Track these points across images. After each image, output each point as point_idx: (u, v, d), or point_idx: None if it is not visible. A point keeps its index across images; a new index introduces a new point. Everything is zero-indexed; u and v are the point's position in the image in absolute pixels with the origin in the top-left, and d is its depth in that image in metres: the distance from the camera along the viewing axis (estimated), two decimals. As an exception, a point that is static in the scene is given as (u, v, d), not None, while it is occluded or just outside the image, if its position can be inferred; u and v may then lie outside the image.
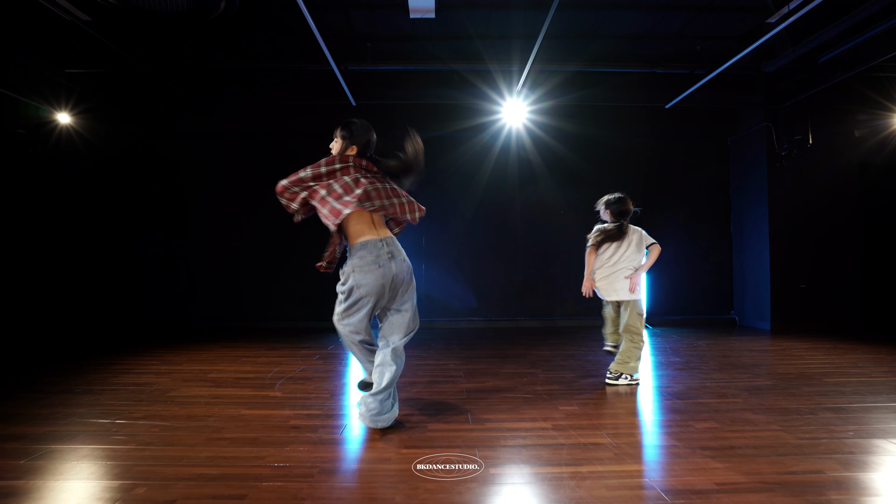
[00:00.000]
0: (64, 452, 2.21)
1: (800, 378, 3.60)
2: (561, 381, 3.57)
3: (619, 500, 1.75)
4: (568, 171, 6.64)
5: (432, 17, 5.08)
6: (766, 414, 2.74)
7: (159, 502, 1.74)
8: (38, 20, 5.02)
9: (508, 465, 2.05)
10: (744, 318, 6.78)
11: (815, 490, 1.81)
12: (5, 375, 3.75)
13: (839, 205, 6.34)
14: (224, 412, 2.80)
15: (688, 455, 2.16)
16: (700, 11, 5.05)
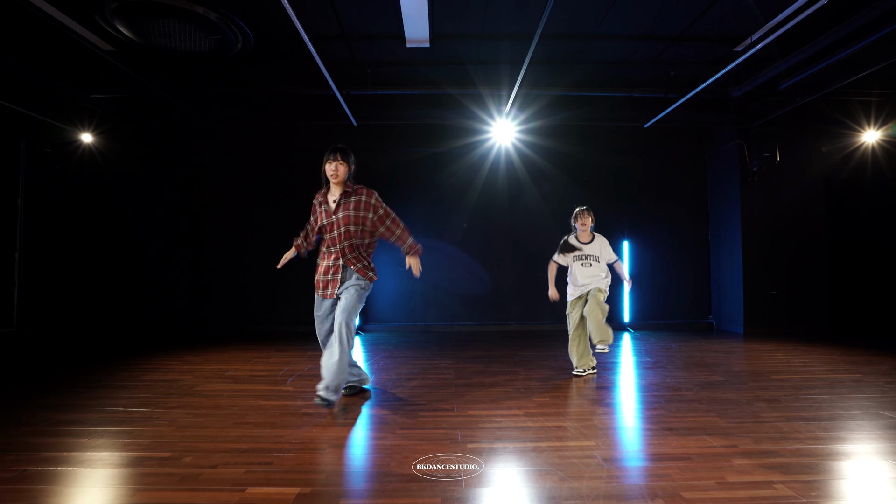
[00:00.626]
0: (118, 433, 2.68)
1: (750, 375, 4.07)
2: (539, 377, 4.04)
3: (566, 465, 2.22)
4: (554, 187, 7.14)
5: (427, 47, 5.59)
6: (709, 404, 3.21)
7: (204, 466, 2.21)
8: (66, 50, 5.51)
9: (483, 441, 2.52)
10: (720, 323, 7.25)
11: (724, 459, 2.28)
12: (47, 373, 4.22)
13: (807, 216, 6.82)
14: (245, 403, 3.27)
15: (631, 435, 2.63)
16: (673, 41, 5.54)
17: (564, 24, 5.07)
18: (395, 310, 7.12)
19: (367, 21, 5.04)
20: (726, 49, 5.66)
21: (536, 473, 2.12)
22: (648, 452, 2.38)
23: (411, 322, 7.10)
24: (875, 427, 2.74)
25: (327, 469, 2.22)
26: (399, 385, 3.76)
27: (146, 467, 2.21)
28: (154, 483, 2.03)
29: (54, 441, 2.54)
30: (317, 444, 2.52)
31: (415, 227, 7.07)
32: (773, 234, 6.79)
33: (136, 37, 3.89)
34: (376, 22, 5.04)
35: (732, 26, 5.11)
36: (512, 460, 2.27)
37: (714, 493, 1.94)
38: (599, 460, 2.27)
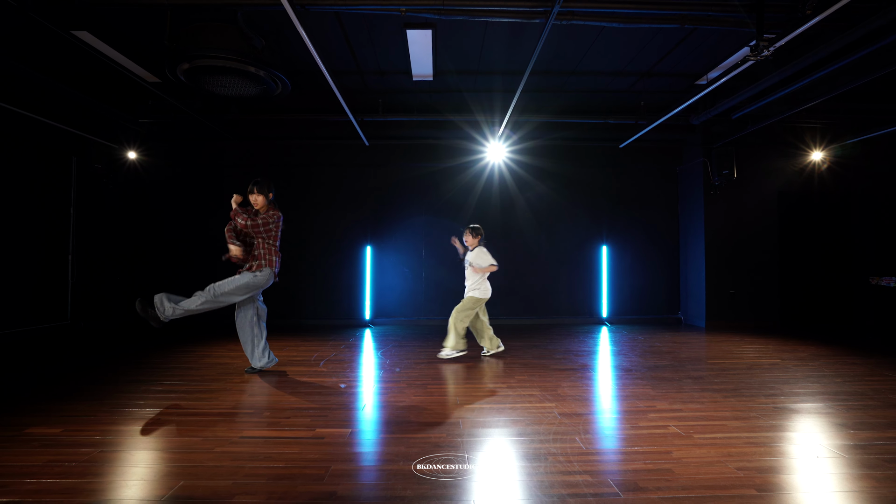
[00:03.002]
0: (208, 398, 3.65)
1: (691, 360, 5.07)
2: (521, 362, 5.02)
3: (532, 417, 3.20)
4: (542, 198, 8.13)
5: (430, 80, 6.54)
6: (648, 381, 4.20)
7: (280, 417, 3.18)
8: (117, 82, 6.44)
9: (475, 404, 3.50)
10: (687, 318, 8.25)
11: (641, 413, 3.28)
12: (120, 359, 5.18)
13: (762, 225, 7.82)
14: (292, 379, 4.25)
15: (583, 400, 3.62)
16: (642, 76, 6.50)
17: (548, 62, 6.02)
18: (401, 306, 8.10)
19: (379, 60, 5.99)
20: (689, 82, 6.64)
21: (511, 422, 3.11)
22: (588, 410, 3.36)
23: (415, 316, 8.08)
24: (763, 395, 3.73)
25: (367, 418, 3.20)
26: (410, 367, 4.75)
27: (239, 417, 3.18)
28: (253, 426, 3.01)
29: (162, 402, 3.52)
30: (354, 404, 3.50)
31: (417, 233, 8.07)
32: (732, 240, 7.79)
33: (195, 86, 4.82)
34: (386, 60, 6.00)
35: (691, 65, 6.09)
36: (494, 414, 3.26)
37: (627, 431, 2.93)
38: (556, 414, 3.25)
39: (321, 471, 2.38)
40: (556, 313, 8.23)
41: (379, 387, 4.02)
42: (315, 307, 8.00)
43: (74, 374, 4.43)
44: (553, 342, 6.23)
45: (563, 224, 8.27)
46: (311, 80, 6.48)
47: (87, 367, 4.73)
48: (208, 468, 2.40)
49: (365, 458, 2.56)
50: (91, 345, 6.03)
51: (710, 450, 2.65)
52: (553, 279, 8.24)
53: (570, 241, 8.27)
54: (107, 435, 2.83)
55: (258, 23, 4.66)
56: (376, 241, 8.07)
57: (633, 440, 2.78)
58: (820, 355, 5.30)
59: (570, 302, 8.28)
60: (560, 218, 8.26)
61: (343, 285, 8.04)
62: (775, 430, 2.98)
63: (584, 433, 2.89)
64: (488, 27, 5.15)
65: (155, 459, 2.52)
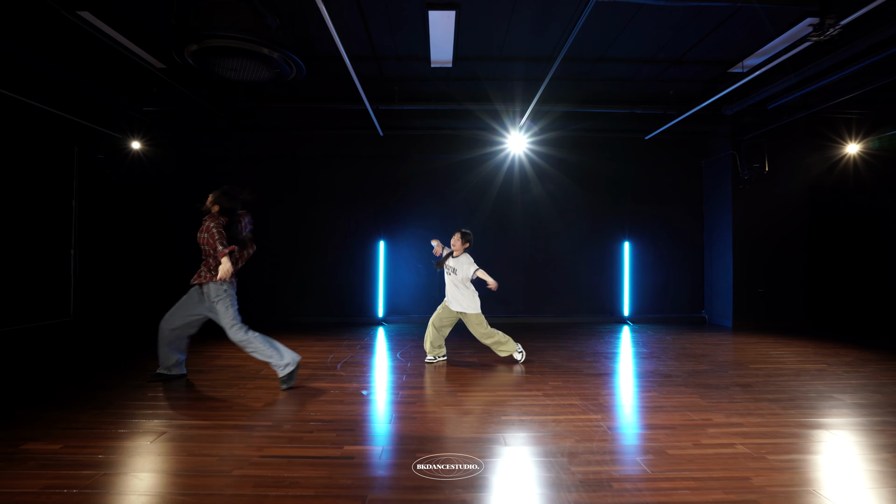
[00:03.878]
0: (220, 407, 3.36)
1: (731, 364, 4.76)
2: (550, 364, 4.72)
3: (580, 432, 2.90)
4: (564, 192, 7.81)
5: (449, 66, 6.20)
6: (693, 388, 3.89)
7: (303, 431, 2.89)
8: (121, 68, 6.12)
9: (513, 415, 3.20)
10: (712, 317, 7.93)
11: (700, 429, 2.97)
12: (123, 359, 4.89)
13: (792, 221, 7.48)
14: (310, 385, 3.95)
15: (629, 410, 3.31)
16: (672, 63, 6.15)
17: (575, 48, 5.67)
18: (415, 303, 7.80)
19: (397, 45, 5.65)
20: (720, 70, 6.28)
21: (558, 437, 2.81)
22: (641, 423, 3.06)
23: (430, 314, 7.74)
24: (825, 406, 3.42)
25: (399, 433, 2.90)
26: (433, 371, 4.45)
27: (257, 432, 2.89)
28: (273, 442, 2.71)
29: (172, 412, 3.22)
30: (385, 414, 3.20)
31: (433, 228, 7.75)
32: (761, 237, 7.45)
33: (204, 69, 4.50)
34: (405, 45, 5.66)
35: (726, 52, 5.73)
36: (537, 428, 2.96)
37: (691, 450, 2.62)
38: (605, 429, 2.95)
39: (358, 502, 2.08)
40: (575, 311, 7.92)
41: (404, 394, 3.71)
42: (326, 305, 7.71)
43: (77, 377, 4.15)
44: (578, 343, 5.92)
45: (584, 219, 7.95)
46: (323, 67, 6.15)
47: (91, 369, 4.45)
48: (228, 498, 2.11)
49: (404, 485, 2.26)
50: (94, 343, 5.74)
51: (792, 475, 2.35)
52: (574, 276, 7.92)
53: (591, 236, 7.94)
54: (111, 452, 2.54)
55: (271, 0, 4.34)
56: (389, 236, 7.76)
57: (702, 462, 2.47)
58: (867, 360, 4.98)
59: (590, 300, 7.97)
60: (581, 212, 7.94)
61: (355, 282, 7.75)
62: (856, 446, 2.67)
63: (645, 453, 2.58)
64: (516, 8, 4.81)
65: (166, 485, 2.22)
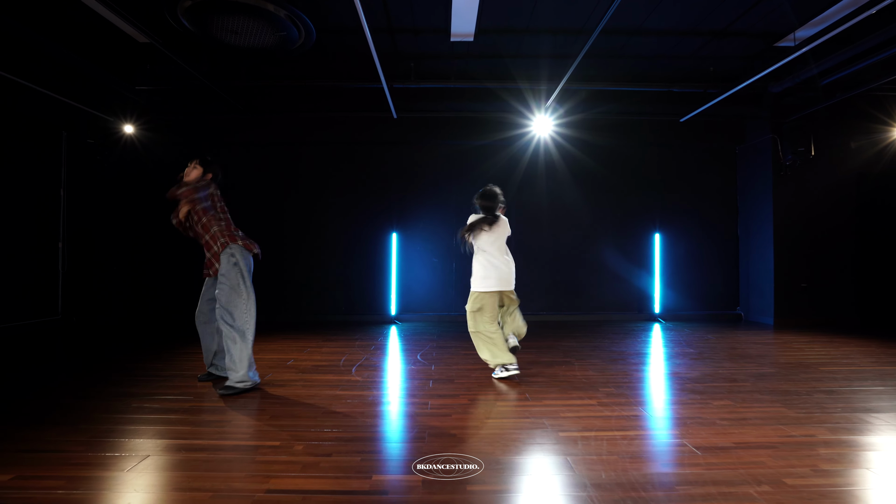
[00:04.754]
0: (217, 422, 2.81)
1: (799, 367, 4.19)
2: (594, 367, 4.16)
3: (665, 454, 2.34)
4: (591, 179, 7.24)
5: (470, 41, 5.64)
6: (771, 395, 3.33)
7: (319, 454, 2.33)
8: (111, 41, 5.55)
9: (573, 430, 2.64)
10: (749, 314, 7.36)
11: (809, 447, 2.41)
12: (112, 361, 4.35)
13: (838, 210, 6.90)
14: (322, 393, 3.39)
15: (709, 424, 2.75)
16: (715, 36, 5.58)
17: (610, 19, 5.10)
18: (430, 300, 7.24)
19: (415, 14, 5.09)
20: (766, 44, 5.70)
21: (643, 459, 2.25)
22: (733, 441, 2.49)
23: (445, 312, 7.22)
24: (940, 418, 2.86)
25: (441, 456, 2.33)
26: (465, 376, 3.89)
27: (262, 454, 2.33)
28: (280, 470, 2.15)
29: (158, 429, 2.67)
30: (415, 430, 2.64)
31: (448, 219, 7.19)
32: (804, 228, 6.87)
33: (201, 32, 3.95)
34: (424, 15, 5.10)
35: (776, 22, 5.16)
36: (610, 447, 2.40)
37: (815, 479, 2.06)
38: (693, 450, 2.39)
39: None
40: (602, 308, 7.35)
41: (434, 405, 3.15)
42: (334, 302, 7.15)
43: (54, 384, 3.60)
44: (614, 342, 5.36)
45: (612, 209, 7.38)
46: (332, 39, 5.58)
47: (73, 374, 3.91)
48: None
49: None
50: (83, 344, 5.20)
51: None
52: (601, 270, 7.35)
53: (619, 227, 7.38)
54: (75, 486, 1.98)
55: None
56: (403, 227, 7.20)
57: (839, 499, 1.91)
58: (948, 361, 4.42)
59: (618, 296, 7.40)
60: (609, 202, 7.37)
61: (366, 277, 7.18)
62: None
63: (757, 483, 2.02)
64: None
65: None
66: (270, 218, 7.15)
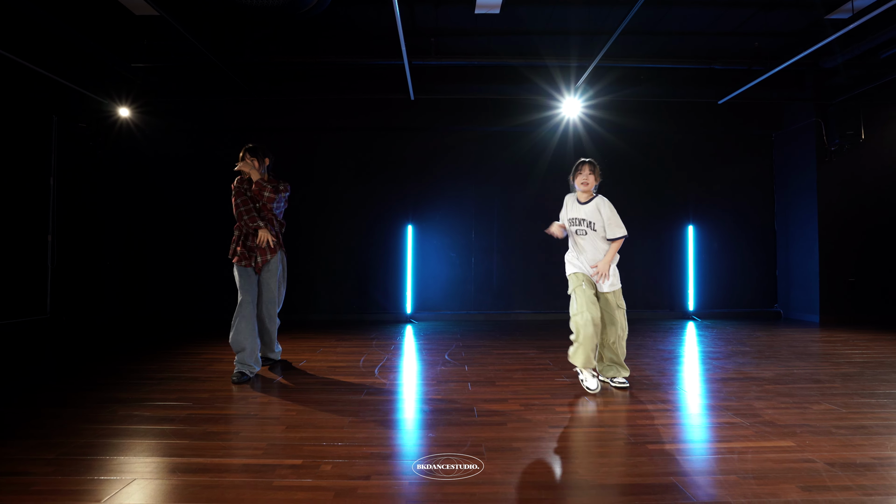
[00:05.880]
0: (223, 435, 2.30)
1: (878, 364, 3.69)
2: (650, 367, 3.65)
3: (790, 471, 1.83)
4: (623, 165, 6.74)
5: (497, 13, 5.16)
6: (870, 398, 2.82)
7: (355, 477, 1.82)
8: (106, 14, 5.07)
9: (669, 442, 2.13)
10: (788, 311, 6.85)
11: (974, 465, 1.90)
12: (103, 363, 3.84)
13: (890, 200, 6.40)
14: (344, 398, 2.89)
15: (826, 433, 2.24)
16: (762, 7, 5.10)
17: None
18: (447, 297, 6.73)
19: (438, -20, 4.62)
20: (816, 16, 5.22)
21: (766, 478, 1.74)
22: (872, 455, 1.99)
23: (464, 310, 6.71)
24: None
25: (504, 473, 1.83)
26: (505, 377, 3.38)
27: (281, 478, 1.82)
28: (306, 500, 1.64)
29: (149, 443, 2.17)
30: (472, 445, 2.14)
31: (468, 211, 6.71)
32: (852, 219, 6.37)
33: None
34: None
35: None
36: (719, 465, 1.89)
37: None
38: (827, 467, 1.88)
39: None
40: (632, 305, 6.77)
41: (482, 409, 2.64)
42: (346, 300, 6.63)
43: (33, 389, 3.10)
44: (657, 341, 4.86)
45: (644, 199, 6.86)
46: (346, 11, 5.10)
47: (57, 377, 3.40)
48: None
49: None
50: (72, 344, 4.69)
51: None
52: (632, 265, 6.81)
53: (651, 219, 6.87)
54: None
55: None
56: (419, 220, 6.69)
57: None
58: None
59: (649, 291, 6.89)
60: (641, 191, 6.85)
61: (379, 274, 6.66)
62: None
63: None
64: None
65: None
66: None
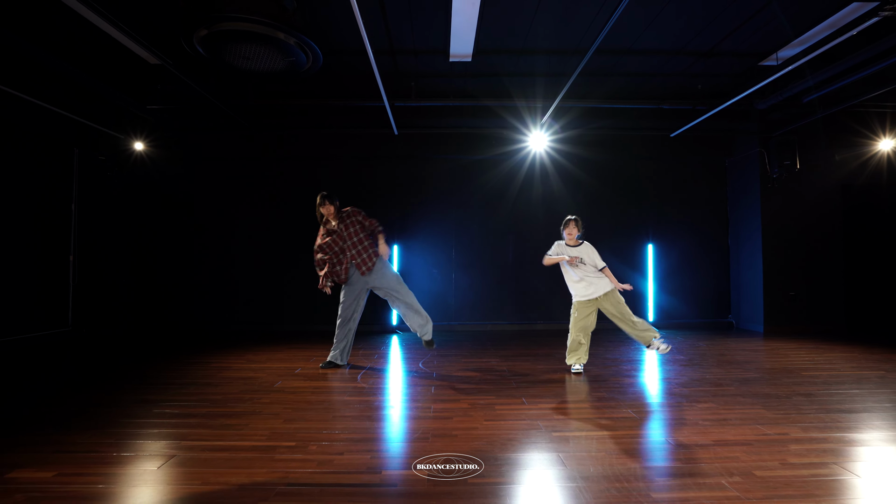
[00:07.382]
0: (235, 426, 3.01)
1: (782, 372, 4.41)
2: (589, 376, 4.36)
3: (647, 450, 2.55)
4: (585, 192, 7.49)
5: (468, 61, 5.91)
6: (752, 398, 3.54)
7: (332, 453, 2.54)
8: (125, 64, 5.80)
9: (565, 430, 2.84)
10: (740, 322, 7.58)
11: (780, 444, 2.62)
12: (127, 370, 4.54)
13: (824, 220, 7.16)
14: (332, 398, 3.60)
15: (692, 424, 2.96)
16: (702, 56, 5.85)
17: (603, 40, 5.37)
18: (429, 310, 7.36)
19: (415, 36, 5.35)
20: (752, 63, 5.98)
21: (623, 455, 2.46)
22: (713, 439, 2.71)
23: (445, 322, 7.43)
24: (907, 418, 3.07)
25: (444, 453, 2.54)
26: (465, 381, 4.10)
27: (280, 454, 2.53)
28: (297, 467, 2.36)
29: (181, 431, 2.87)
30: (422, 434, 2.85)
31: (448, 231, 7.43)
32: (792, 238, 7.12)
33: (214, 58, 4.19)
34: (424, 37, 5.36)
35: (759, 43, 5.44)
36: (599, 447, 2.60)
37: (781, 471, 2.27)
38: (672, 444, 2.60)
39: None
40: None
41: (435, 407, 3.36)
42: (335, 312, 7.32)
43: (73, 392, 3.80)
44: (608, 350, 5.57)
45: (607, 220, 7.61)
46: (336, 60, 5.84)
47: (89, 383, 4.10)
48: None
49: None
50: (94, 355, 5.40)
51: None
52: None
53: (614, 238, 7.60)
54: (112, 481, 2.19)
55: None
56: (403, 239, 7.43)
57: (801, 487, 2.12)
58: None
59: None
60: (604, 214, 7.60)
61: (367, 288, 7.38)
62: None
63: (729, 474, 2.23)
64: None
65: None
66: (273, 230, 7.38)
